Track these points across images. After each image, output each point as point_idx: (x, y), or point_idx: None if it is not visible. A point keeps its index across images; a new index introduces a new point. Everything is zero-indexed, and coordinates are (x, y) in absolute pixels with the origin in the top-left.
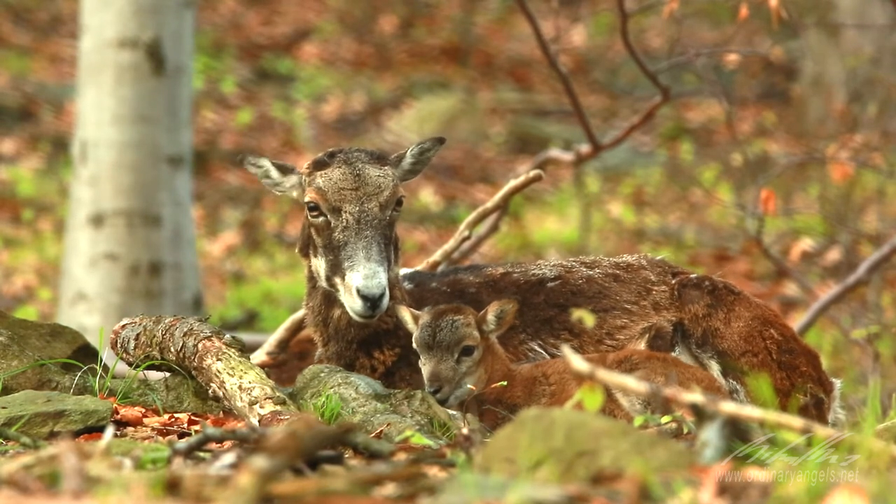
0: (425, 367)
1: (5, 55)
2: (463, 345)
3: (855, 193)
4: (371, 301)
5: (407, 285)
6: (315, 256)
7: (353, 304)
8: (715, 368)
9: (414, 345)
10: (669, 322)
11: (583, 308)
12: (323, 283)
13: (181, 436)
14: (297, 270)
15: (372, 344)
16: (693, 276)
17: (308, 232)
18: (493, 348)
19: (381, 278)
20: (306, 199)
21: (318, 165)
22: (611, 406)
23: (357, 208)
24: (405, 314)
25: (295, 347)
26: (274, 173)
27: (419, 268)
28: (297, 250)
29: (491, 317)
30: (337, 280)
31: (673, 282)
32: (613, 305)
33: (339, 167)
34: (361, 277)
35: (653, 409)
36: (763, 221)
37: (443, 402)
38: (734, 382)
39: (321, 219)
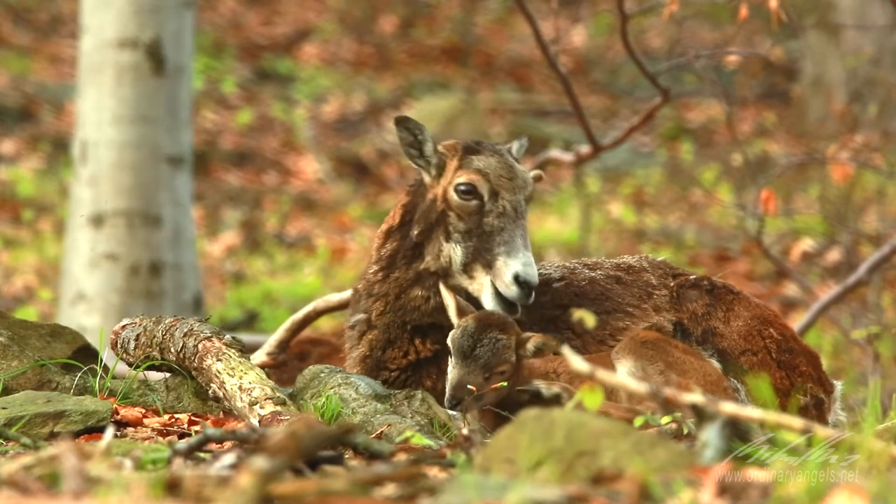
0: (453, 372)
1: (5, 55)
2: (498, 368)
3: (855, 194)
4: (529, 288)
5: None
6: (446, 241)
7: (508, 292)
8: (716, 367)
9: (448, 342)
10: (670, 322)
11: (586, 309)
12: (455, 268)
13: (181, 436)
14: (297, 271)
15: (423, 332)
16: (692, 276)
17: (438, 216)
18: (521, 364)
19: (535, 268)
20: (462, 179)
21: (469, 150)
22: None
23: (514, 197)
24: (450, 300)
25: (295, 348)
26: (429, 147)
27: None
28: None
29: (531, 346)
30: (478, 267)
31: (672, 284)
32: (615, 308)
33: (493, 156)
34: (521, 264)
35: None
36: (763, 222)
37: (455, 409)
38: (734, 381)
39: (474, 202)
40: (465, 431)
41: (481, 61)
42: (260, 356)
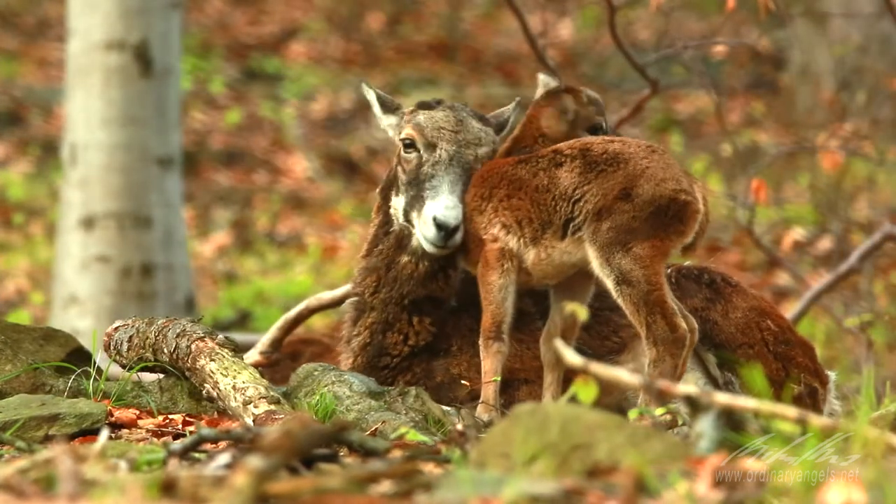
0: None
1: None
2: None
3: (845, 182)
4: (445, 230)
5: None
6: (396, 195)
7: (426, 232)
8: (711, 360)
9: None
10: None
11: (591, 305)
12: (399, 220)
13: (176, 437)
14: (288, 269)
15: (419, 308)
16: (691, 266)
17: (395, 171)
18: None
19: (459, 212)
20: (403, 134)
21: (423, 106)
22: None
23: (453, 148)
24: None
25: (287, 348)
26: (377, 109)
27: None
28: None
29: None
30: (414, 214)
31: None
32: (617, 304)
33: (444, 110)
34: (442, 206)
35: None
36: (754, 211)
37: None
38: (730, 374)
39: (413, 154)
40: (459, 427)
41: (469, 57)
42: (253, 355)
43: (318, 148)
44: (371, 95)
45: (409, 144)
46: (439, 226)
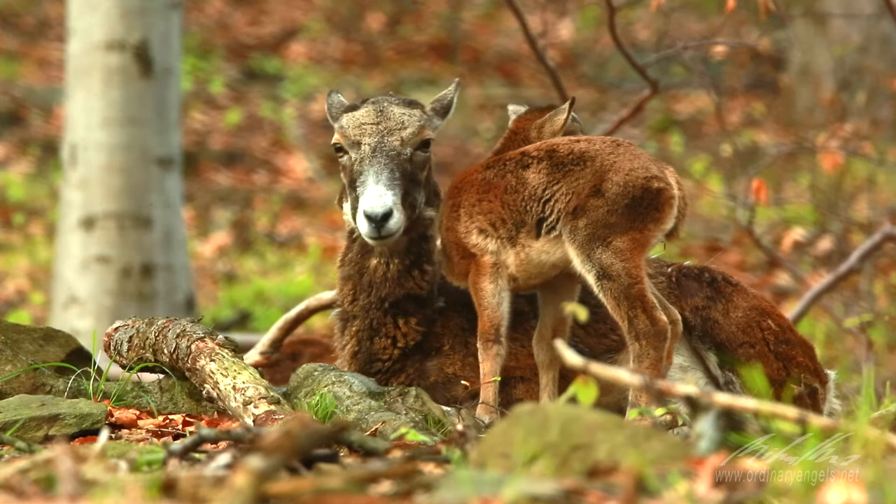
0: None
1: None
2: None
3: (845, 182)
4: (374, 221)
5: None
6: (346, 201)
7: (362, 228)
8: (712, 360)
9: None
10: None
11: (589, 304)
12: (351, 224)
13: (176, 437)
14: (289, 269)
15: (402, 310)
16: (692, 265)
17: (342, 180)
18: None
19: (387, 199)
20: (332, 141)
21: (348, 109)
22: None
23: (375, 139)
24: None
25: (287, 349)
26: (328, 115)
27: None
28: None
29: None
30: (357, 214)
31: (669, 270)
32: None
33: (365, 107)
34: (367, 199)
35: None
36: (754, 211)
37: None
38: (730, 374)
39: (345, 157)
40: (459, 427)
41: (469, 57)
42: (253, 356)
43: (318, 148)
44: (327, 100)
45: (339, 149)
46: (368, 217)
